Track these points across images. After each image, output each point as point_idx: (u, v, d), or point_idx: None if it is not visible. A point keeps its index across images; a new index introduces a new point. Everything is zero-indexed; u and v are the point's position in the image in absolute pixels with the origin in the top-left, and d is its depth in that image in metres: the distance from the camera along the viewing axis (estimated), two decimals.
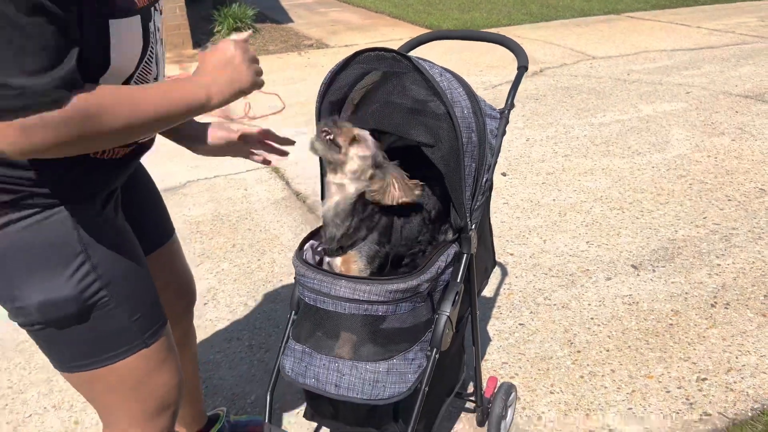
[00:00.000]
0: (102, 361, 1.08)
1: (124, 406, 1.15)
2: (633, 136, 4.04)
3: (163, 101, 0.96)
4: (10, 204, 0.98)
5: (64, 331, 1.04)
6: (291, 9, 9.51)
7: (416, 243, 1.47)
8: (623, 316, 2.31)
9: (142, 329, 1.12)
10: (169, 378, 1.19)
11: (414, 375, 1.34)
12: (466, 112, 1.31)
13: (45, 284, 1.00)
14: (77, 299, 1.02)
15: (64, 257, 1.01)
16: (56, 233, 1.01)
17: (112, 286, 1.06)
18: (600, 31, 7.30)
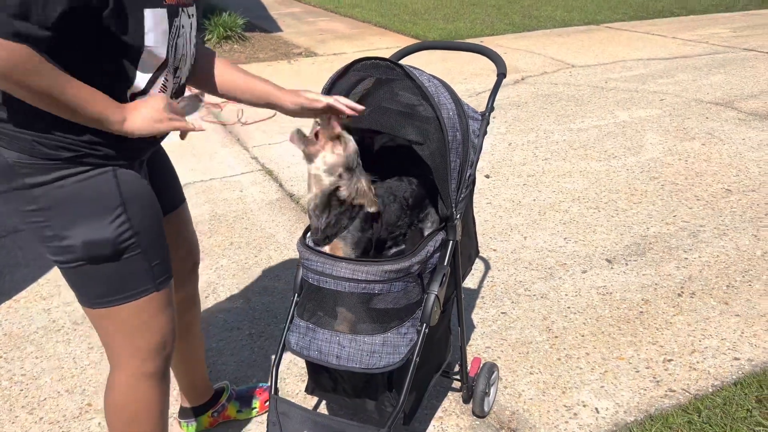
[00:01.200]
0: (121, 299, 1.30)
1: (131, 341, 1.35)
2: (609, 141, 4.25)
3: (84, 97, 1.12)
4: (68, 160, 1.19)
5: (97, 268, 1.26)
6: (280, 18, 9.68)
7: (396, 227, 1.64)
8: (597, 305, 2.49)
9: (156, 276, 1.33)
10: (167, 322, 1.39)
11: (406, 347, 1.50)
12: (451, 114, 1.49)
13: (90, 227, 1.22)
14: (113, 242, 1.25)
15: (106, 207, 1.23)
16: (102, 187, 1.23)
17: (140, 235, 1.28)
18: (580, 41, 7.55)
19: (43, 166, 1.18)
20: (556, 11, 9.51)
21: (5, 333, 2.43)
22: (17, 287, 2.73)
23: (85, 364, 2.25)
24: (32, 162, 1.17)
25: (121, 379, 1.40)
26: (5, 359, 2.28)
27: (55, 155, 1.18)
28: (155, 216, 1.34)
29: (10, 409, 2.05)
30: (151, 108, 1.22)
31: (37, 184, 1.19)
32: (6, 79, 1.04)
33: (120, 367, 1.40)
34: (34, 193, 1.19)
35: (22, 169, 1.18)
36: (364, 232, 1.56)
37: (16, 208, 1.23)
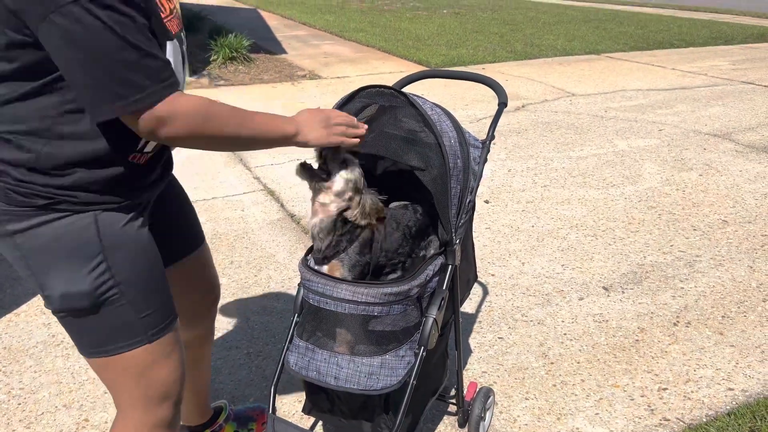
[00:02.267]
0: (110, 350, 1.23)
1: (129, 392, 1.29)
2: (608, 169, 4.30)
3: (262, 125, 1.21)
4: (43, 208, 1.14)
5: (80, 320, 1.21)
6: (285, 41, 9.81)
7: (396, 255, 1.66)
8: (594, 332, 2.51)
9: (148, 326, 1.25)
10: (170, 371, 1.32)
11: (404, 370, 1.52)
12: (453, 141, 1.52)
13: (66, 278, 1.17)
14: (91, 294, 1.18)
15: (85, 256, 1.17)
16: (81, 235, 1.16)
17: (123, 286, 1.20)
18: (581, 70, 7.66)
19: (20, 213, 1.14)
20: (558, 40, 9.65)
21: (5, 347, 2.44)
22: (17, 301, 2.75)
23: (83, 379, 2.26)
24: (9, 209, 1.14)
25: (124, 428, 1.35)
26: (4, 372, 2.30)
27: (29, 203, 1.13)
28: (147, 263, 1.26)
29: (8, 423, 2.06)
30: (324, 117, 1.30)
31: (17, 231, 1.15)
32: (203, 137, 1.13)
33: (122, 415, 1.35)
34: (16, 240, 1.16)
35: (3, 216, 1.15)
36: (362, 255, 1.59)
37: (9, 253, 1.20)
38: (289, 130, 1.26)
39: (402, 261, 1.68)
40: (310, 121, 1.30)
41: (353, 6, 14.46)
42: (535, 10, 13.70)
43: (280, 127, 1.24)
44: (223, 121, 1.14)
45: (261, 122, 1.21)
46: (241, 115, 1.18)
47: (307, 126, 1.28)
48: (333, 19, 12.01)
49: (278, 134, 1.24)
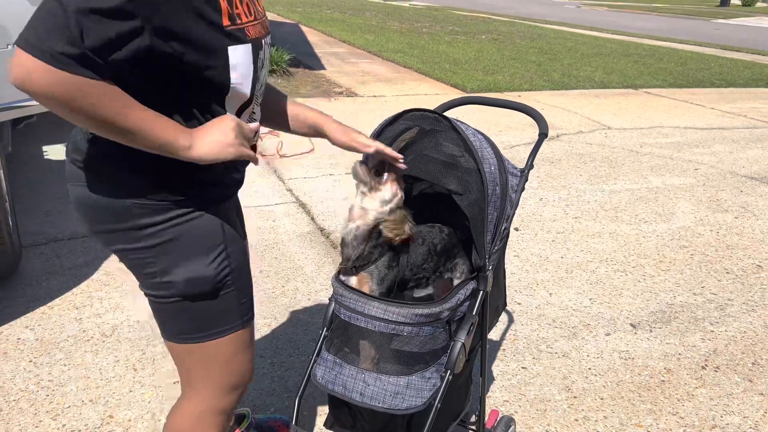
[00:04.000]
0: (209, 335, 1.33)
1: (211, 377, 1.38)
2: (641, 205, 4.26)
3: (149, 124, 1.10)
4: (177, 202, 1.23)
5: (194, 304, 1.29)
6: (324, 57, 9.96)
7: (421, 270, 1.68)
8: (619, 369, 2.48)
9: (243, 312, 1.37)
10: (248, 360, 1.43)
11: (429, 392, 1.53)
12: (493, 168, 1.54)
13: (193, 265, 1.26)
14: (213, 279, 1.28)
15: (210, 246, 1.28)
16: (208, 227, 1.27)
17: (236, 273, 1.33)
18: (617, 103, 7.62)
19: (156, 207, 1.22)
20: (596, 72, 9.62)
21: (37, 338, 2.51)
22: (52, 294, 2.82)
23: (110, 376, 2.30)
24: (146, 203, 1.21)
25: (190, 408, 1.41)
26: (35, 364, 2.35)
27: (165, 197, 1.22)
28: (245, 254, 1.39)
29: (35, 413, 2.11)
30: (219, 132, 1.18)
31: (148, 224, 1.22)
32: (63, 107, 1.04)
33: (192, 397, 1.41)
34: (144, 233, 1.23)
35: (136, 211, 1.21)
36: (391, 269, 1.61)
37: (122, 246, 1.26)
38: (180, 141, 1.13)
39: (426, 277, 1.70)
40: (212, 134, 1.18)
41: (393, 27, 14.63)
42: (573, 41, 13.69)
43: (170, 135, 1.12)
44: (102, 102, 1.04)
45: (147, 121, 1.10)
46: (128, 107, 1.08)
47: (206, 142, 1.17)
48: (372, 39, 12.16)
49: (164, 140, 1.12)
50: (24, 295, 2.80)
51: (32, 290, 2.84)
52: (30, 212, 3.59)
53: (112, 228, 1.24)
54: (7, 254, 2.76)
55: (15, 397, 2.17)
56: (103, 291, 2.86)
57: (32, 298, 2.77)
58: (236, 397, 1.43)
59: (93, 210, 1.25)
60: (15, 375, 2.28)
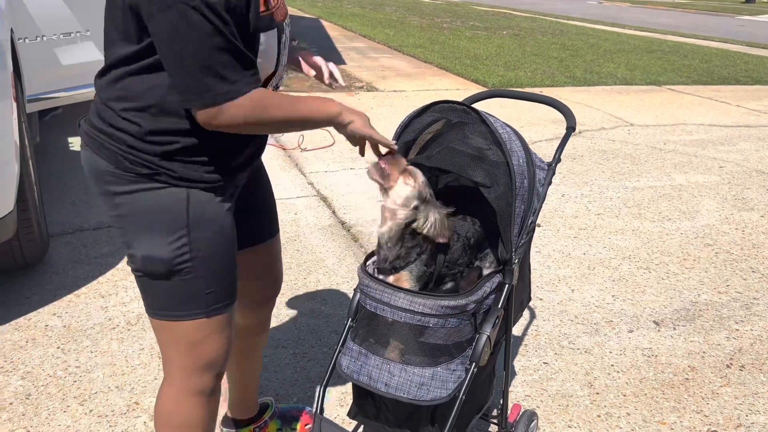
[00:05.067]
0: (173, 315, 1.36)
1: (180, 357, 1.41)
2: (664, 203, 4.22)
3: (311, 107, 1.30)
4: (145, 176, 1.28)
5: (152, 283, 1.34)
6: (344, 51, 9.97)
7: (457, 265, 1.68)
8: (642, 366, 2.47)
9: (210, 302, 1.37)
10: (219, 346, 1.43)
11: (454, 384, 1.53)
12: (521, 161, 1.54)
13: (151, 243, 1.29)
14: (168, 262, 1.30)
15: (171, 227, 1.29)
16: (172, 208, 1.29)
17: (197, 261, 1.32)
18: (640, 100, 7.54)
19: (124, 178, 1.28)
20: (618, 69, 9.52)
21: (65, 325, 2.55)
22: (78, 283, 2.87)
23: (135, 363, 2.34)
24: (116, 172, 1.28)
25: (169, 390, 1.46)
26: (62, 350, 2.39)
27: (133, 170, 1.27)
28: (224, 245, 1.37)
29: (63, 398, 2.15)
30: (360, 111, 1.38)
31: (118, 192, 1.29)
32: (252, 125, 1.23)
33: (169, 378, 1.46)
34: (116, 201, 1.30)
35: (108, 177, 1.29)
36: (428, 266, 1.61)
37: (108, 210, 1.34)
38: (333, 110, 1.33)
39: (461, 271, 1.70)
40: (352, 109, 1.37)
41: (413, 22, 14.59)
42: (596, 37, 13.55)
43: (326, 107, 1.32)
44: (276, 108, 1.24)
45: (309, 104, 1.30)
46: (290, 100, 1.27)
47: (349, 111, 1.36)
48: (392, 34, 12.14)
49: (325, 114, 1.32)
50: (51, 282, 2.85)
51: (59, 278, 2.89)
52: (56, 202, 3.65)
53: (97, 190, 1.34)
54: (36, 243, 2.81)
55: (44, 382, 2.21)
56: (128, 280, 2.90)
57: (59, 286, 2.82)
58: (210, 378, 1.45)
59: (88, 172, 1.35)
60: (44, 361, 2.33)
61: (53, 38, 3.42)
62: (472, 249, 1.68)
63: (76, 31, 3.51)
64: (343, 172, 4.50)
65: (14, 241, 2.65)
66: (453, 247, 1.63)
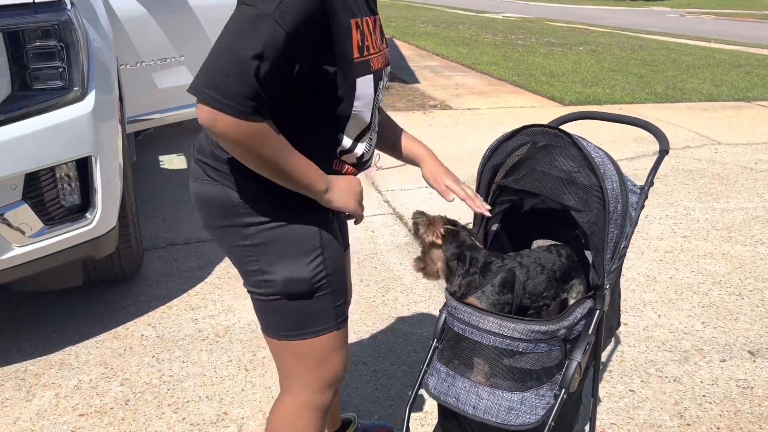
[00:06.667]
0: (305, 334, 1.40)
1: (306, 374, 1.45)
2: (758, 226, 4.01)
3: (299, 167, 1.26)
4: (281, 205, 1.33)
5: (290, 303, 1.38)
6: (418, 70, 10.06)
7: (541, 298, 1.66)
8: (736, 398, 2.35)
9: (338, 315, 1.44)
10: (342, 359, 1.49)
11: (543, 410, 1.51)
12: (615, 185, 1.52)
13: (291, 266, 1.35)
14: (309, 281, 1.37)
15: (308, 249, 1.37)
16: (306, 231, 1.37)
17: (331, 276, 1.40)
18: (728, 117, 7.21)
19: (261, 208, 1.33)
20: (703, 84, 9.15)
21: (158, 335, 2.69)
22: (170, 295, 3.02)
23: (224, 374, 2.44)
24: (253, 204, 1.33)
25: (290, 404, 1.49)
26: (157, 359, 2.52)
27: (270, 201, 1.33)
28: (341, 259, 1.45)
29: (159, 405, 2.26)
30: (352, 184, 1.39)
31: (253, 223, 1.34)
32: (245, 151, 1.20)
33: (291, 393, 1.48)
34: (249, 231, 1.34)
35: (243, 209, 1.33)
36: (502, 294, 1.60)
37: (232, 241, 1.37)
38: (319, 185, 1.31)
39: (547, 304, 1.68)
40: (344, 187, 1.38)
41: (486, 39, 14.56)
42: (678, 52, 13.09)
43: (313, 178, 1.30)
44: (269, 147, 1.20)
45: (299, 165, 1.26)
46: (286, 150, 1.24)
47: (338, 190, 1.36)
48: (466, 52, 12.16)
49: (308, 182, 1.29)
50: (146, 294, 3.02)
51: (153, 290, 3.05)
52: (149, 218, 3.86)
53: (220, 224, 1.37)
54: (133, 257, 2.98)
55: (140, 389, 2.34)
56: (216, 294, 3.02)
57: (153, 298, 2.98)
58: (331, 394, 1.49)
59: (206, 205, 1.38)
60: (140, 369, 2.46)
61: (151, 64, 3.64)
62: (558, 281, 1.66)
63: (171, 56, 3.72)
64: (418, 191, 4.54)
65: (115, 254, 2.82)
66: (536, 278, 1.61)
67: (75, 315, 2.82)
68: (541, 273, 1.64)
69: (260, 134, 1.18)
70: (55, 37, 2.22)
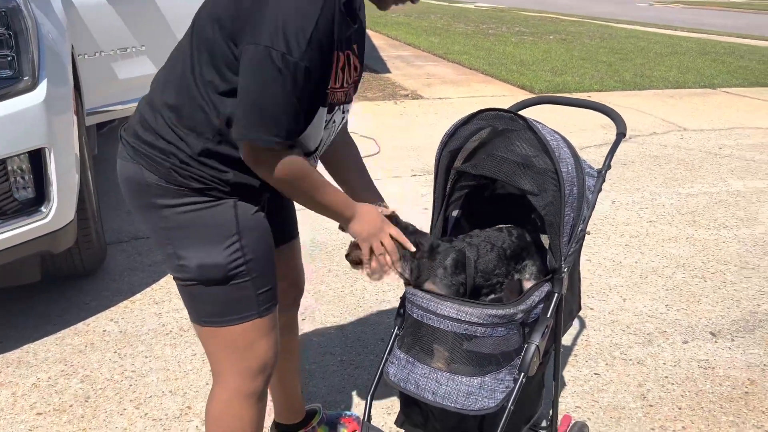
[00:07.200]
0: (226, 321, 1.39)
1: (233, 362, 1.44)
2: (721, 210, 4.08)
3: (331, 199, 1.40)
4: (196, 190, 1.33)
5: (207, 289, 1.37)
6: (389, 60, 10.02)
7: (493, 275, 1.66)
8: (698, 379, 2.39)
9: (261, 303, 1.41)
10: (270, 346, 1.47)
11: (502, 393, 1.51)
12: (570, 168, 1.52)
13: (205, 251, 1.34)
14: (224, 267, 1.35)
15: (223, 235, 1.35)
16: (222, 217, 1.35)
17: (251, 263, 1.38)
18: (693, 104, 7.32)
19: (174, 192, 1.33)
20: (670, 72, 9.28)
21: (120, 330, 2.64)
22: (134, 289, 2.96)
23: (188, 368, 2.40)
24: (165, 186, 1.33)
25: (220, 394, 1.49)
26: (119, 355, 2.48)
27: (185, 184, 1.32)
28: (268, 246, 1.43)
29: (120, 401, 2.22)
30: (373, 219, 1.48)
31: (166, 205, 1.34)
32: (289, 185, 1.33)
33: (220, 381, 1.48)
34: (163, 213, 1.35)
35: (156, 191, 1.34)
36: (455, 276, 1.59)
37: (150, 223, 1.38)
38: (347, 214, 1.44)
39: (500, 282, 1.68)
40: (368, 220, 1.47)
41: (458, 29, 14.56)
42: (646, 40, 13.24)
43: (342, 209, 1.43)
44: (306, 183, 1.34)
45: (332, 197, 1.40)
46: (321, 183, 1.37)
47: (362, 222, 1.46)
48: (437, 41, 12.14)
49: (337, 211, 1.43)
50: (108, 289, 2.96)
51: (116, 285, 2.99)
52: (111, 211, 3.78)
53: (138, 203, 1.38)
54: (94, 251, 2.92)
55: (102, 386, 2.29)
56: None
57: (116, 293, 2.92)
58: (262, 380, 1.48)
59: (125, 184, 1.39)
60: (101, 365, 2.41)
61: (110, 53, 3.55)
62: (509, 259, 1.66)
63: (132, 46, 3.64)
64: (388, 180, 4.52)
65: (74, 249, 2.76)
66: (486, 257, 1.61)
67: (34, 311, 2.76)
68: (491, 251, 1.64)
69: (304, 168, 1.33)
70: (2, 24, 2.15)
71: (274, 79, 1.19)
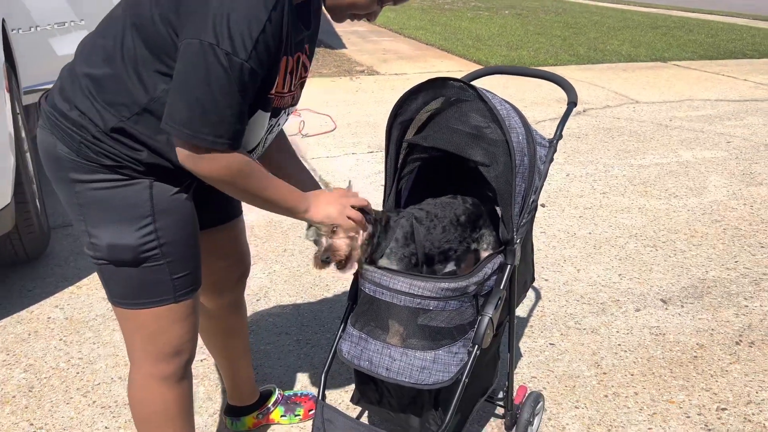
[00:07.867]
0: (139, 304, 1.34)
1: (145, 344, 1.40)
2: (671, 180, 4.16)
3: (280, 194, 1.33)
4: (108, 167, 1.27)
5: (118, 270, 1.32)
6: (345, 35, 9.88)
7: (444, 243, 1.64)
8: (649, 345, 2.43)
9: (177, 288, 1.36)
10: (185, 332, 1.42)
11: (456, 367, 1.50)
12: (521, 138, 1.50)
13: (116, 231, 1.29)
14: (135, 249, 1.29)
15: (135, 216, 1.29)
16: (135, 197, 1.29)
17: (166, 247, 1.32)
18: (645, 77, 7.44)
19: (86, 167, 1.26)
20: (623, 46, 9.40)
21: (66, 317, 2.54)
22: (80, 274, 2.85)
23: None
24: (76, 160, 1.26)
25: (135, 376, 1.46)
26: (65, 342, 2.38)
27: (96, 159, 1.26)
28: (188, 231, 1.37)
29: (66, 390, 2.14)
30: (331, 197, 1.42)
31: (79, 180, 1.27)
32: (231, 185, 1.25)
33: (134, 364, 1.45)
34: (76, 188, 1.29)
35: (69, 164, 1.27)
36: (406, 247, 1.57)
37: (65, 197, 1.32)
38: (302, 207, 1.37)
39: (454, 249, 1.66)
40: (327, 201, 1.41)
41: (414, 4, 14.44)
42: (600, 14, 13.39)
43: (294, 202, 1.36)
44: (251, 182, 1.27)
45: (281, 193, 1.33)
46: (267, 181, 1.30)
47: (323, 206, 1.40)
48: (393, 17, 12.02)
49: (290, 206, 1.35)
50: (53, 275, 2.84)
51: (61, 270, 2.88)
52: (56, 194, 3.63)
53: (53, 175, 1.32)
54: (36, 236, 2.79)
55: (46, 375, 2.21)
56: None
57: (61, 278, 2.81)
58: (177, 364, 1.43)
59: (42, 154, 1.32)
60: (46, 353, 2.32)
61: (47, 28, 3.38)
62: (463, 226, 1.64)
63: (70, 20, 3.46)
64: (344, 157, 4.47)
65: (14, 234, 2.63)
66: (434, 229, 1.59)
67: None
68: (443, 218, 1.62)
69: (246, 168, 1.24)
70: None
71: (218, 78, 1.13)
